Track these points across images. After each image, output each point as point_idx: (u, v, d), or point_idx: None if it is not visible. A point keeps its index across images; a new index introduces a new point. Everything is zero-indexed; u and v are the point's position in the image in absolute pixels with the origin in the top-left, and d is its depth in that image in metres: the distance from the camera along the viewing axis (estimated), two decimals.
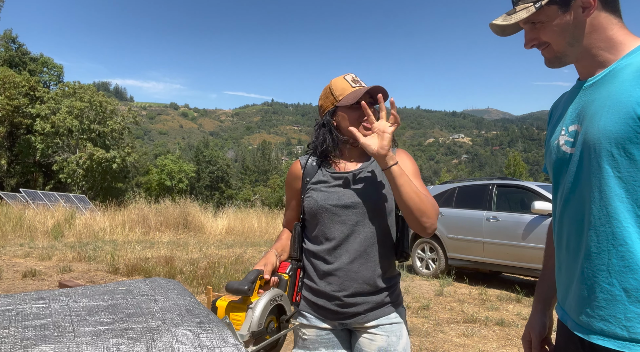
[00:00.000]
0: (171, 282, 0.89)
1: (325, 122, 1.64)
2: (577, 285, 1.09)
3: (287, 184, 1.77)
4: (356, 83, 1.59)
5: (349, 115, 1.57)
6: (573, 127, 1.15)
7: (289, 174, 1.76)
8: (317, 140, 1.67)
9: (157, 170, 47.08)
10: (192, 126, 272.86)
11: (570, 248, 1.12)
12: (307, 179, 1.67)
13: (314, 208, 1.60)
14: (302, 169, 1.71)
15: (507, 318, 5.08)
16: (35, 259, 7.87)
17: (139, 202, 15.64)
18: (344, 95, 1.57)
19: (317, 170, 1.67)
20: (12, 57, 37.10)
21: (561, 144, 1.18)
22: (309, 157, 1.73)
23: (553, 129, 1.27)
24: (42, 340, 0.59)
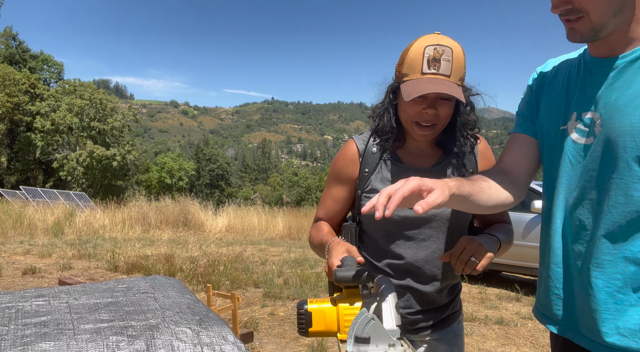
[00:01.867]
0: (171, 280, 0.89)
1: (387, 93, 1.32)
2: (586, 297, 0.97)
3: (336, 170, 1.42)
4: (433, 66, 1.20)
5: (406, 107, 1.25)
6: (589, 114, 0.99)
7: (342, 158, 1.40)
8: (375, 113, 1.34)
9: (157, 168, 47.09)
10: (192, 124, 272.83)
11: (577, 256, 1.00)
12: (366, 171, 1.35)
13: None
14: (360, 156, 1.37)
15: (507, 317, 5.08)
16: (35, 257, 7.88)
17: (139, 200, 15.65)
18: (408, 76, 1.23)
19: (380, 160, 1.35)
20: (12, 55, 37.05)
21: (570, 132, 1.02)
22: (369, 139, 1.37)
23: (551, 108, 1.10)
24: (42, 337, 0.59)
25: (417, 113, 1.23)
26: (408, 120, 1.26)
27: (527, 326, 4.76)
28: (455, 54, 1.20)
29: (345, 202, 1.42)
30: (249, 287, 6.10)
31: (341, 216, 1.45)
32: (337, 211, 1.43)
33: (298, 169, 61.75)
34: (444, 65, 1.20)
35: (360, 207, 1.34)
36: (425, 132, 1.25)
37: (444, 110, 1.23)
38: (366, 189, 1.35)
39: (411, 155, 1.35)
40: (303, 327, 0.98)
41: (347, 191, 1.40)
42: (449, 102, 1.23)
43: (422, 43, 1.21)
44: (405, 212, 1.28)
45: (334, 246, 1.18)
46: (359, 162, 1.37)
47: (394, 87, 1.30)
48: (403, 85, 1.23)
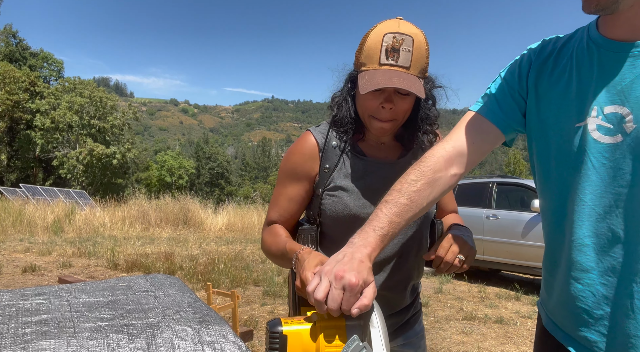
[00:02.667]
0: (171, 279, 0.89)
1: (345, 82, 1.23)
2: (623, 320, 0.86)
3: (291, 166, 1.27)
4: (392, 56, 1.09)
5: (362, 100, 1.16)
6: (613, 108, 0.86)
7: (298, 153, 1.26)
8: (334, 102, 1.25)
9: (157, 167, 47.12)
10: (192, 122, 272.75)
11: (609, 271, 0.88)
12: (327, 167, 1.23)
13: (343, 215, 1.20)
14: (320, 151, 1.24)
15: (506, 316, 5.09)
16: (35, 255, 7.88)
17: (138, 198, 15.66)
18: (366, 66, 1.13)
19: (341, 155, 1.24)
20: (12, 52, 37.04)
21: (591, 130, 0.89)
22: (328, 131, 1.26)
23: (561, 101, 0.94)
24: (42, 335, 0.59)
25: (373, 107, 1.14)
26: (365, 115, 1.18)
27: (526, 325, 4.76)
28: (416, 44, 1.10)
29: (303, 201, 1.27)
30: (248, 285, 6.10)
31: (297, 217, 1.31)
32: (293, 212, 1.28)
33: None
34: (403, 56, 1.10)
35: (322, 205, 1.22)
36: (384, 126, 1.15)
37: (402, 105, 1.14)
38: (328, 186, 1.23)
39: (374, 148, 1.25)
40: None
41: (305, 190, 1.26)
42: (408, 97, 1.13)
43: (382, 30, 1.11)
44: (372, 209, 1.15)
45: (305, 256, 1.04)
46: (319, 158, 1.24)
47: (352, 76, 1.21)
48: (360, 76, 1.14)
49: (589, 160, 0.89)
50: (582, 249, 0.91)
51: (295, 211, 1.29)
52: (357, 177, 1.22)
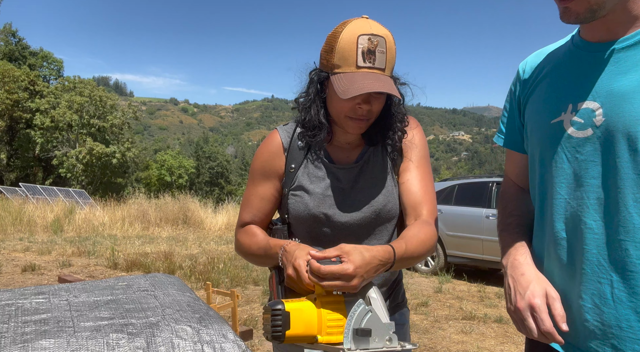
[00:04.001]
0: (171, 278, 0.89)
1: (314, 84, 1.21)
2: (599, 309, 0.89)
3: (260, 165, 1.29)
4: (368, 59, 1.10)
5: (338, 102, 1.16)
6: (585, 104, 0.90)
7: (265, 152, 1.29)
8: (301, 105, 1.25)
9: (157, 166, 47.09)
10: (192, 122, 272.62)
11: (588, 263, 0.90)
12: (292, 166, 1.26)
13: (303, 215, 1.23)
14: (285, 150, 1.28)
15: (506, 315, 5.09)
16: (34, 254, 7.88)
17: (138, 197, 15.65)
18: (341, 68, 1.13)
19: (306, 155, 1.27)
20: (12, 51, 37.00)
21: (565, 126, 0.93)
22: (294, 130, 1.29)
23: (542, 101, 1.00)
24: (42, 335, 0.59)
25: (350, 108, 1.14)
26: (340, 115, 1.17)
27: None
28: (388, 45, 1.12)
29: (274, 200, 1.29)
30: (248, 284, 6.10)
31: (270, 216, 1.31)
32: (266, 211, 1.29)
33: None
34: (379, 57, 1.11)
35: (288, 205, 1.25)
36: (360, 125, 1.17)
37: (376, 105, 1.16)
38: (292, 186, 1.25)
39: (338, 149, 1.27)
40: (279, 330, 0.86)
41: (275, 188, 1.28)
42: (382, 97, 1.17)
43: (354, 30, 1.10)
44: (330, 209, 1.22)
45: (294, 247, 1.07)
46: (285, 157, 1.27)
47: (321, 77, 1.18)
48: (335, 79, 1.12)
49: (564, 154, 0.94)
50: (560, 242, 0.95)
51: (268, 210, 1.29)
52: (319, 178, 1.25)
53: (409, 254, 1.09)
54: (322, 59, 1.19)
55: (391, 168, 1.27)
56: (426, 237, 1.15)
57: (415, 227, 1.18)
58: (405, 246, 1.08)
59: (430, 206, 1.23)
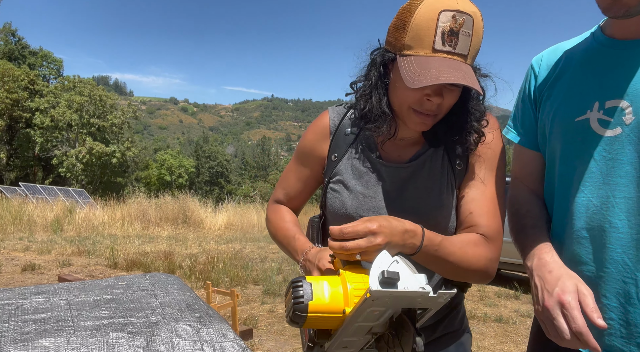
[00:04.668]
0: (171, 277, 0.89)
1: (376, 66, 1.02)
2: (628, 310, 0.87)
3: (304, 144, 1.18)
4: (449, 41, 0.90)
5: (403, 91, 0.97)
6: (614, 102, 0.89)
7: (312, 131, 1.17)
8: (360, 92, 1.06)
9: (157, 165, 47.09)
10: (192, 121, 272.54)
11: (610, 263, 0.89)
12: (335, 155, 1.12)
13: (339, 214, 1.09)
14: (330, 134, 1.13)
15: (505, 315, 5.09)
16: (34, 253, 7.88)
17: (138, 196, 15.63)
18: (412, 50, 0.93)
19: (352, 144, 1.11)
20: (12, 51, 36.99)
21: (592, 123, 0.91)
22: (346, 114, 1.13)
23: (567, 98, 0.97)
24: (42, 334, 0.59)
25: (417, 100, 0.96)
26: (404, 107, 0.99)
27: (525, 324, 4.77)
28: (475, 26, 0.91)
29: (310, 183, 1.19)
30: (248, 284, 6.10)
31: (303, 198, 1.22)
32: (299, 192, 1.20)
33: None
34: (462, 41, 0.91)
35: (326, 198, 1.12)
36: (425, 121, 0.98)
37: (449, 99, 0.96)
38: (333, 178, 1.12)
39: (391, 143, 1.09)
40: (301, 301, 0.78)
41: (314, 171, 1.17)
42: (457, 90, 0.96)
43: (436, 4, 0.90)
44: (371, 213, 1.07)
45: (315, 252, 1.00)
46: (329, 142, 1.13)
47: (386, 59, 0.99)
48: (404, 62, 0.93)
49: (591, 153, 0.91)
50: (581, 241, 0.93)
51: (300, 191, 1.20)
52: (361, 174, 1.09)
53: (442, 253, 0.93)
54: (389, 36, 0.99)
55: (452, 178, 1.06)
56: (474, 253, 0.97)
57: (464, 236, 1.00)
58: (441, 241, 0.93)
59: (493, 224, 1.02)
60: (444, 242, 0.94)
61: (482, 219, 1.02)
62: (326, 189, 1.13)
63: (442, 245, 0.93)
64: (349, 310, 0.78)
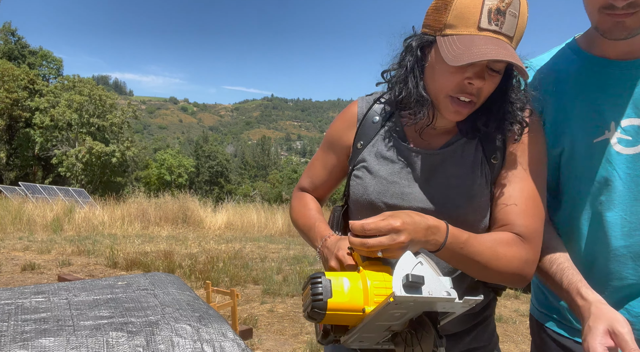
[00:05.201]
0: (171, 277, 0.89)
1: (411, 51, 0.97)
2: None
3: (331, 132, 1.17)
4: (495, 20, 0.86)
5: (441, 73, 0.92)
6: (629, 121, 0.92)
7: (340, 120, 1.15)
8: (395, 78, 1.01)
9: (157, 165, 47.09)
10: (192, 121, 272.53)
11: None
12: (360, 143, 1.08)
13: (361, 200, 1.05)
14: (358, 121, 1.10)
15: (505, 315, 5.09)
16: (34, 253, 7.88)
17: (138, 196, 15.65)
18: (455, 29, 0.88)
19: (379, 130, 1.07)
20: (11, 50, 36.98)
21: (613, 143, 0.94)
22: (374, 103, 1.10)
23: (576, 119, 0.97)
24: (41, 333, 0.59)
25: (457, 84, 0.90)
26: (441, 92, 0.93)
27: (525, 324, 4.77)
28: (522, 8, 0.87)
29: (335, 172, 1.17)
30: (248, 284, 6.10)
31: (328, 187, 1.20)
32: (324, 180, 1.18)
33: (297, 166, 61.79)
34: (509, 21, 0.86)
35: (350, 186, 1.10)
36: (462, 110, 0.92)
37: (490, 85, 0.91)
38: (357, 166, 1.08)
39: (420, 130, 1.04)
40: (320, 298, 0.75)
41: (339, 160, 1.15)
42: (498, 75, 0.91)
43: None
44: (394, 199, 1.02)
45: (335, 240, 0.97)
46: (356, 130, 1.10)
47: (424, 42, 0.94)
48: (445, 42, 0.88)
49: (615, 172, 0.94)
50: (620, 259, 0.96)
51: (325, 179, 1.19)
52: (387, 160, 1.04)
53: (468, 251, 0.88)
54: (427, 19, 0.94)
55: (487, 172, 1.00)
56: (505, 254, 0.90)
57: (496, 234, 0.94)
58: (467, 238, 0.88)
59: (530, 223, 0.94)
60: (471, 240, 0.89)
61: (519, 218, 0.95)
62: (350, 177, 1.10)
63: (468, 243, 0.88)
64: (369, 309, 0.76)
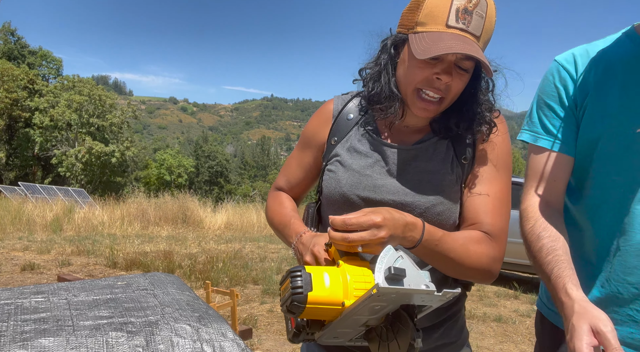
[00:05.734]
0: (170, 277, 0.89)
1: (386, 49, 1.01)
2: None
3: (307, 129, 1.19)
4: (462, 19, 0.90)
5: (411, 68, 0.96)
6: None
7: (315, 118, 1.18)
8: (369, 75, 1.05)
9: (156, 165, 47.11)
10: (192, 121, 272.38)
11: None
12: (334, 139, 1.11)
13: (334, 193, 1.06)
14: (333, 119, 1.13)
15: (505, 314, 5.10)
16: (34, 253, 7.88)
17: (137, 196, 15.64)
18: (425, 26, 0.93)
19: (354, 127, 1.10)
20: (11, 50, 36.98)
21: None
22: (350, 100, 1.13)
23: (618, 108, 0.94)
24: (41, 333, 0.59)
25: (425, 78, 0.93)
26: (410, 87, 0.96)
27: (525, 324, 4.77)
28: (489, 11, 0.92)
29: (311, 170, 1.17)
30: (247, 284, 6.10)
31: (304, 186, 1.21)
32: (299, 179, 1.19)
33: None
34: (475, 21, 0.91)
35: (322, 181, 1.11)
36: (429, 107, 0.96)
37: (457, 82, 0.94)
38: (331, 160, 1.10)
39: (395, 130, 1.07)
40: (300, 292, 0.76)
41: (314, 158, 1.16)
42: (466, 74, 0.95)
43: None
44: (367, 192, 1.03)
45: (310, 236, 0.98)
46: (331, 126, 1.12)
47: (397, 40, 0.99)
48: (415, 38, 0.92)
49: None
50: None
51: (301, 178, 1.19)
52: (360, 154, 1.06)
53: (442, 248, 0.91)
54: (402, 19, 1.00)
55: (458, 171, 1.03)
56: (475, 251, 0.95)
57: (467, 232, 0.98)
58: (441, 236, 0.92)
59: (498, 222, 0.99)
60: (445, 237, 0.92)
61: (487, 217, 1.00)
62: (323, 172, 1.11)
63: (442, 240, 0.91)
64: (348, 303, 0.77)
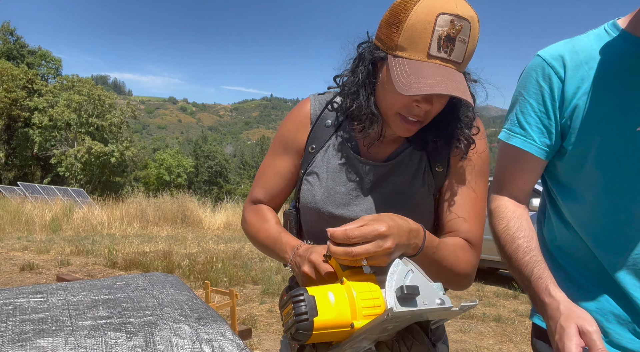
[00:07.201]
0: (169, 277, 0.89)
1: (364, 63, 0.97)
2: None
3: (283, 134, 1.12)
4: (445, 47, 0.86)
5: (391, 94, 0.93)
6: None
7: (291, 120, 1.11)
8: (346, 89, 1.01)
9: (156, 165, 47.11)
10: (191, 121, 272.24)
11: None
12: (313, 147, 1.07)
13: (309, 207, 1.06)
14: (312, 124, 1.09)
15: (504, 314, 5.10)
16: (33, 253, 7.87)
17: (137, 196, 15.63)
18: (405, 52, 0.89)
19: (332, 136, 1.07)
20: (10, 50, 36.96)
21: None
22: (328, 104, 1.08)
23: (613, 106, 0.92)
24: (40, 334, 0.59)
25: (404, 105, 0.92)
26: (391, 110, 0.95)
27: (524, 324, 4.77)
28: (472, 32, 0.87)
29: (291, 177, 1.12)
30: (247, 284, 6.10)
31: (284, 196, 1.15)
32: (280, 189, 1.13)
33: None
34: (458, 48, 0.87)
35: (301, 190, 1.07)
36: (412, 128, 0.95)
37: (438, 106, 0.94)
38: (309, 170, 1.07)
39: (370, 139, 1.05)
40: (305, 318, 0.70)
41: (294, 164, 1.10)
42: (447, 97, 0.93)
43: (434, 6, 0.85)
44: (340, 210, 1.03)
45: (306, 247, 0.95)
46: (309, 132, 1.08)
47: (375, 58, 0.94)
48: (396, 64, 0.89)
49: None
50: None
51: (282, 188, 1.13)
52: (335, 168, 1.05)
53: (439, 256, 0.91)
54: (380, 32, 0.94)
55: (430, 180, 1.03)
56: (463, 258, 0.96)
57: (454, 240, 0.99)
58: (438, 243, 0.91)
59: (476, 230, 1.01)
60: (441, 244, 0.92)
61: (466, 225, 1.01)
62: (301, 181, 1.08)
63: (439, 247, 0.91)
64: (358, 324, 0.71)
